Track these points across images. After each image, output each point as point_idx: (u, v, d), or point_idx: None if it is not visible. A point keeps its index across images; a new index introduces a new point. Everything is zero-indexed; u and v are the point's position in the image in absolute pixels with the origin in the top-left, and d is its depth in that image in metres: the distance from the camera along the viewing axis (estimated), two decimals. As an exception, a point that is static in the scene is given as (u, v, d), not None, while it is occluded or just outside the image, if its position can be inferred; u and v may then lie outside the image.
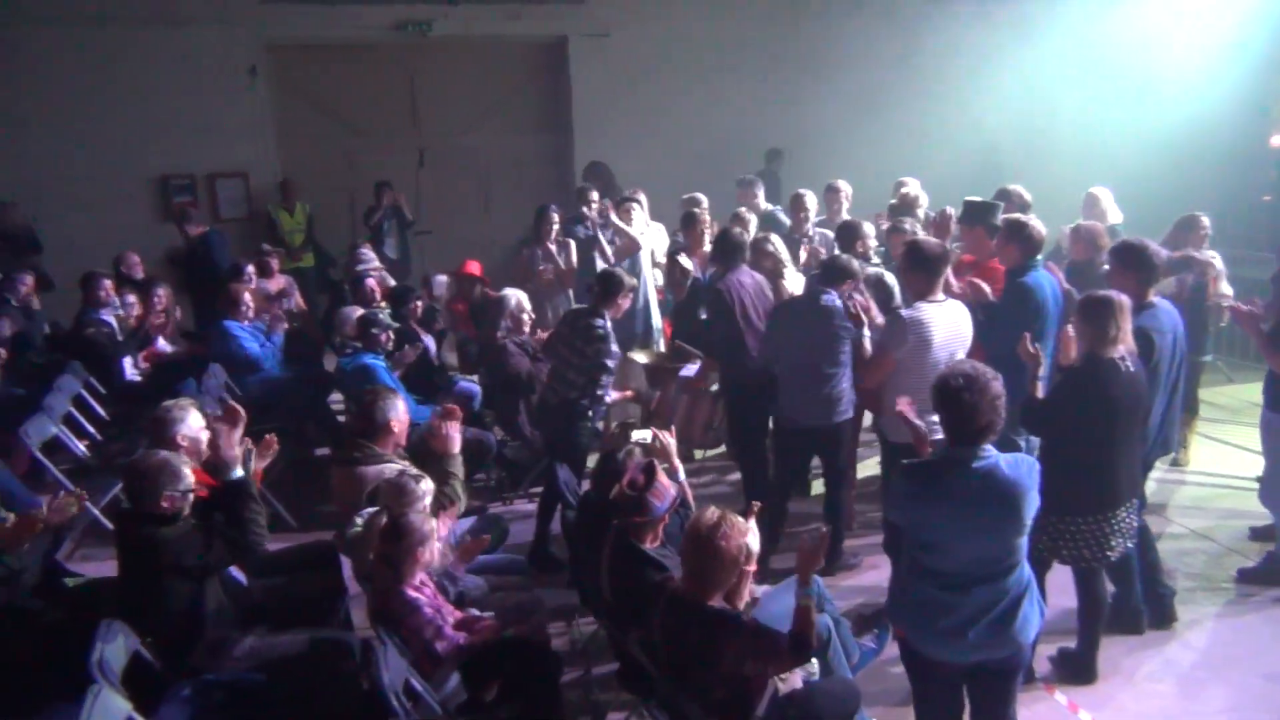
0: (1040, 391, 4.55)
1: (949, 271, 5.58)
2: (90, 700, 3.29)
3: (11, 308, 8.36)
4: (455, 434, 4.98)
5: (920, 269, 5.08)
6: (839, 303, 5.49)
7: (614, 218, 8.06)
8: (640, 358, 7.39)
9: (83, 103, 10.74)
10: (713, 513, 3.65)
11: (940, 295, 5.07)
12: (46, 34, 10.56)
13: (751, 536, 3.85)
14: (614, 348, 6.12)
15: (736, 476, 7.01)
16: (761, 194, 8.88)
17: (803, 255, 7.37)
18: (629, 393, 7.18)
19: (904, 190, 7.86)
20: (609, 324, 6.04)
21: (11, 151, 10.64)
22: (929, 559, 3.54)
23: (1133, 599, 5.04)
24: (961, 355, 4.97)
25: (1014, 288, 5.38)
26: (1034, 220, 5.54)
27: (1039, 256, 5.52)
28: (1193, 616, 5.27)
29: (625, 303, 6.16)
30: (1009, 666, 3.62)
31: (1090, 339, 4.41)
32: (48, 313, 9.12)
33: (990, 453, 3.49)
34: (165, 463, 4.15)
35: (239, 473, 4.14)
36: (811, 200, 7.71)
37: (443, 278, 9.15)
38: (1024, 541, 3.52)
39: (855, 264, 5.82)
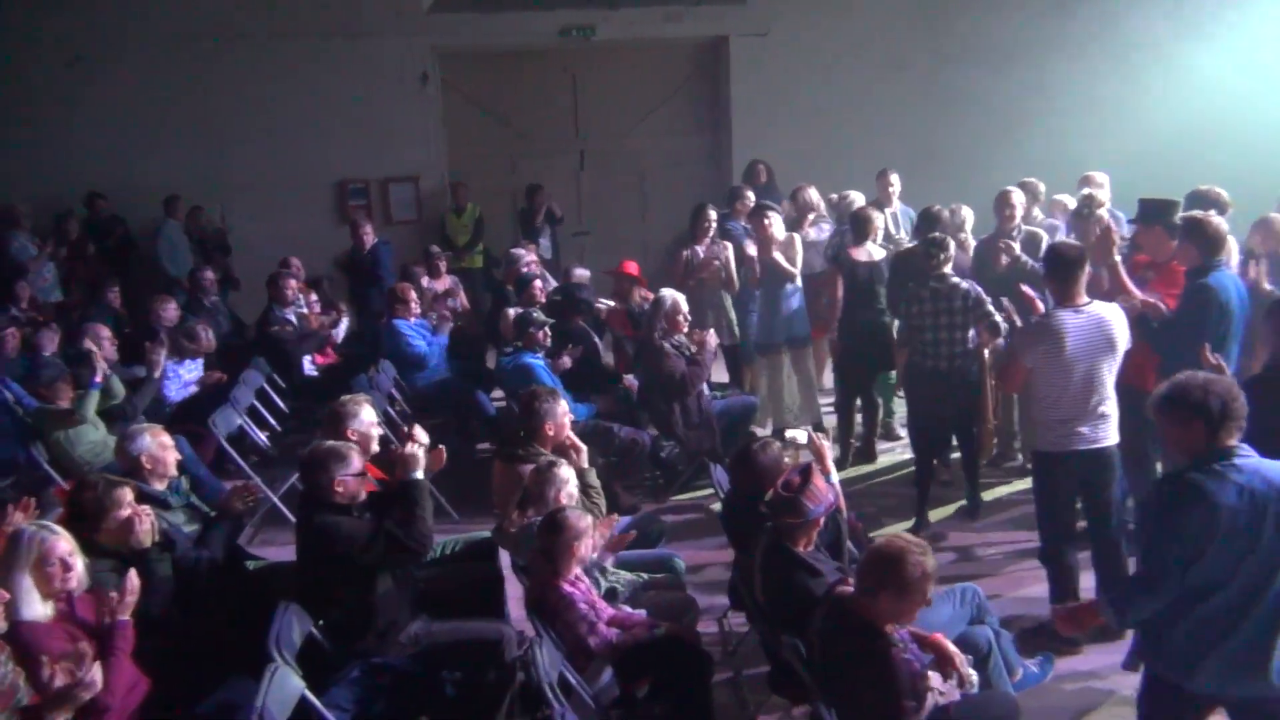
0: None
1: (1122, 271, 5.37)
2: (269, 677, 3.48)
3: (204, 308, 8.95)
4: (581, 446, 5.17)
5: (1055, 273, 4.87)
6: None
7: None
8: None
9: (269, 112, 11.40)
10: (910, 539, 3.61)
11: (1083, 299, 4.81)
12: (237, 48, 11.25)
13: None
14: None
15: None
16: (896, 185, 8.67)
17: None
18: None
19: (1084, 190, 7.45)
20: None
21: (206, 159, 11.40)
22: (1200, 577, 3.25)
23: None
24: (1110, 364, 4.78)
25: (1193, 290, 5.08)
26: (1214, 217, 5.22)
27: (1222, 256, 5.20)
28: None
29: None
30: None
31: (1273, 345, 4.15)
32: (235, 311, 9.75)
33: (1248, 451, 3.27)
34: (334, 449, 4.37)
35: (418, 475, 4.30)
36: (1019, 197, 7.39)
37: (583, 270, 9.22)
38: None
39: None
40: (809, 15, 11.87)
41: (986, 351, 6.39)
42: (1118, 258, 5.49)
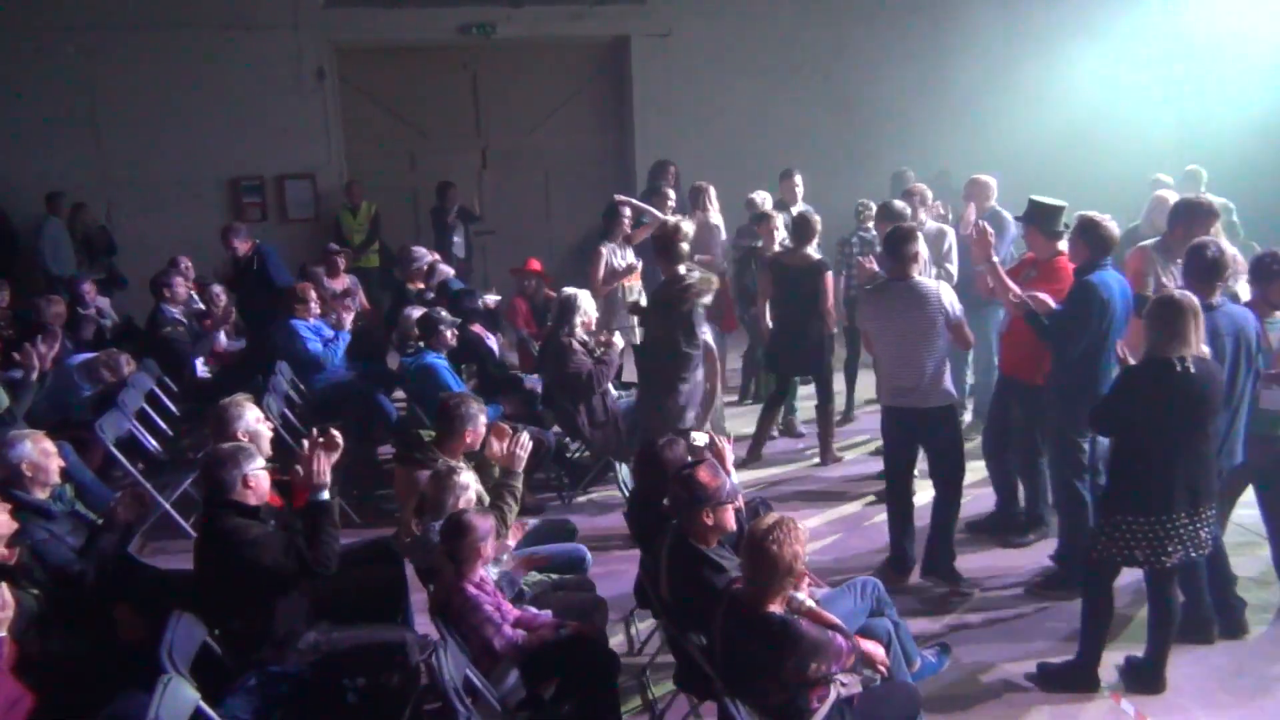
0: None
1: (1000, 271, 5.58)
2: (161, 689, 3.35)
3: (88, 314, 8.61)
4: (521, 451, 4.82)
5: (889, 250, 5.48)
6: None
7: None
8: None
9: (158, 106, 11.06)
10: (770, 517, 3.63)
11: (913, 276, 5.36)
12: (124, 39, 10.89)
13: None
14: None
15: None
16: (800, 186, 8.84)
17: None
18: None
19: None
20: None
21: (89, 153, 11.00)
22: None
23: (1203, 608, 4.91)
24: (931, 333, 5.27)
25: (1079, 286, 5.28)
26: (1107, 219, 5.41)
27: (1110, 256, 5.40)
28: (1267, 627, 5.11)
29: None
30: None
31: (1148, 339, 4.34)
32: (122, 311, 9.40)
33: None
34: (239, 446, 4.29)
35: (325, 495, 4.21)
36: (929, 193, 7.60)
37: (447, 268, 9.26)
38: None
39: None
40: (709, 17, 12.01)
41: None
42: (996, 259, 5.64)
